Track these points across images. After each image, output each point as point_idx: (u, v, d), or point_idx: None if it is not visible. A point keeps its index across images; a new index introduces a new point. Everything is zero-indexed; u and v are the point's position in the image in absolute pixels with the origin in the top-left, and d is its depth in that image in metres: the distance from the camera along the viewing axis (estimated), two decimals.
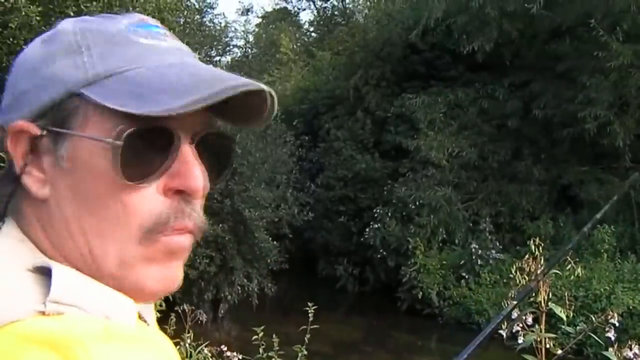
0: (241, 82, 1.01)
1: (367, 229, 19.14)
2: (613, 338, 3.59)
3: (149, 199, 1.04)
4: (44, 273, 0.96)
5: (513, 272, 3.76)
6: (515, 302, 3.08)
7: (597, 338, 3.74)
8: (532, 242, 3.77)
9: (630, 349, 3.49)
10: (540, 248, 3.68)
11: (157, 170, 1.04)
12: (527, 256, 3.58)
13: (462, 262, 17.17)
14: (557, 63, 16.81)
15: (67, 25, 1.11)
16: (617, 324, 3.58)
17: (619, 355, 3.47)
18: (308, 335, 7.04)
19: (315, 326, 7.05)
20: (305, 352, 6.97)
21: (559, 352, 3.38)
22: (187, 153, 1.06)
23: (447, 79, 19.94)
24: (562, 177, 17.42)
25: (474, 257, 16.90)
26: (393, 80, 21.33)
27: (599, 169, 17.05)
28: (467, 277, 16.87)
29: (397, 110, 19.99)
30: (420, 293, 17.01)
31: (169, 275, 1.09)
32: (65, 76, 1.04)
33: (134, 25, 1.11)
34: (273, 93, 1.07)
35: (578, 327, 3.72)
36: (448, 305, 16.70)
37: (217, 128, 1.12)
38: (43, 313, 0.90)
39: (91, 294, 0.98)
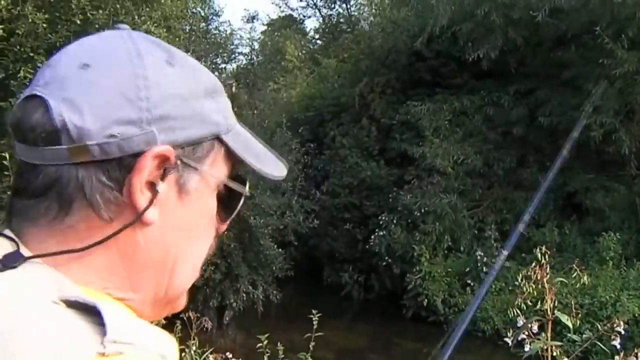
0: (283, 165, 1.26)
1: (372, 236, 19.13)
2: (619, 346, 3.59)
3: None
4: (81, 308, 0.93)
5: (519, 279, 3.76)
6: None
7: (602, 346, 3.73)
8: (538, 250, 3.77)
9: (636, 357, 3.49)
10: (547, 256, 3.68)
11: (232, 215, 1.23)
12: (533, 264, 3.58)
13: (468, 269, 17.14)
14: (562, 70, 16.80)
15: (187, 56, 1.16)
16: (623, 332, 3.57)
17: None
18: (313, 343, 7.05)
19: (320, 333, 7.06)
20: (310, 359, 6.97)
21: (565, 359, 3.38)
22: None
23: (452, 86, 19.93)
24: (567, 185, 17.38)
25: (479, 264, 16.88)
26: (398, 87, 21.35)
27: (604, 176, 17.03)
28: (472, 284, 16.84)
29: (403, 118, 19.99)
30: (426, 300, 17.00)
31: None
32: (213, 119, 1.11)
33: None
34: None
35: (584, 335, 3.71)
36: (453, 312, 16.66)
37: None
38: (103, 354, 0.87)
39: (142, 331, 0.97)
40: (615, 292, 14.29)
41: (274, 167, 1.23)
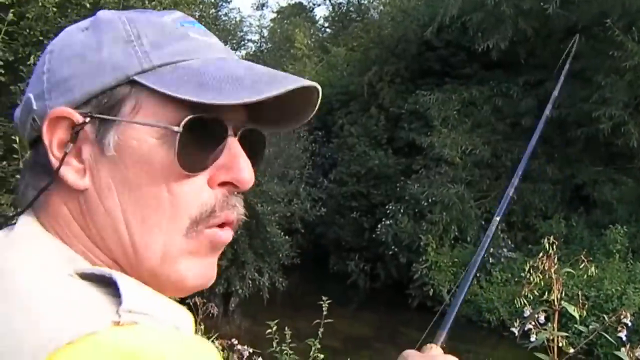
0: (300, 80, 1.04)
1: (379, 225, 19.13)
2: (625, 338, 3.58)
3: (198, 190, 1.04)
4: (97, 280, 0.93)
5: (525, 270, 3.75)
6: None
7: (608, 337, 3.73)
8: (545, 240, 3.76)
9: None
10: (554, 246, 3.68)
11: (210, 160, 1.05)
12: (540, 254, 3.57)
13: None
14: (572, 62, 16.73)
15: (109, 15, 1.10)
16: (629, 324, 3.57)
17: (632, 355, 3.46)
18: (322, 329, 7.05)
19: (327, 320, 7.06)
20: (319, 346, 6.98)
21: (571, 351, 3.38)
22: (235, 145, 1.07)
23: (461, 76, 19.92)
24: (575, 177, 17.37)
25: (485, 255, 16.86)
26: (407, 77, 21.33)
27: (612, 169, 17.00)
28: (478, 275, 16.78)
29: (411, 107, 19.98)
30: (432, 290, 17.00)
31: (208, 270, 1.11)
32: (118, 63, 1.03)
33: (179, 20, 1.12)
34: (320, 90, 1.12)
35: (590, 327, 3.71)
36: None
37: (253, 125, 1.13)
38: (118, 323, 0.86)
39: (158, 303, 0.96)
40: (622, 285, 14.29)
41: (240, 87, 1.01)
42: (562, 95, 16.59)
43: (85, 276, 0.93)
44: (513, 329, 3.60)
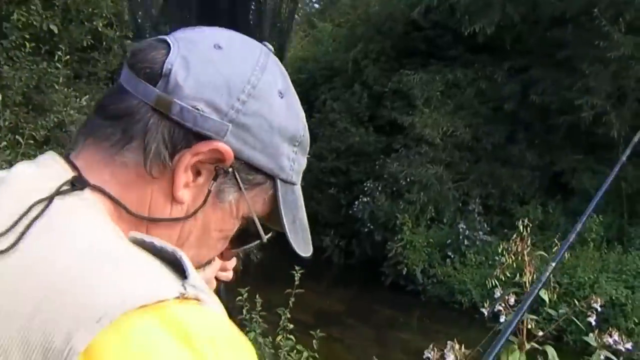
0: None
1: (356, 202, 19.15)
2: (594, 323, 3.60)
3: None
4: (156, 251, 1.03)
5: (499, 253, 3.77)
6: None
7: (579, 323, 3.75)
8: (520, 222, 3.78)
9: (611, 336, 3.50)
10: (528, 229, 3.69)
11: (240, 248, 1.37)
12: (515, 236, 3.59)
13: (449, 241, 17.19)
14: (557, 50, 16.76)
15: (299, 108, 1.31)
16: (599, 309, 3.59)
17: (599, 341, 3.48)
18: (292, 299, 7.09)
19: (299, 290, 7.10)
20: (289, 316, 7.01)
21: (540, 333, 3.39)
22: None
23: (446, 58, 19.87)
24: (555, 164, 17.40)
25: (461, 237, 16.93)
26: (393, 55, 21.27)
27: (592, 158, 17.02)
28: (452, 256, 16.90)
29: (395, 86, 19.93)
30: (405, 269, 17.02)
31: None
32: (283, 164, 1.23)
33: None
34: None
35: (560, 311, 3.73)
36: (432, 283, 16.72)
37: None
38: (183, 295, 0.92)
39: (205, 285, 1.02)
40: (594, 274, 14.38)
41: (302, 242, 1.33)
42: (545, 82, 16.68)
43: (144, 245, 1.03)
44: (483, 310, 3.62)
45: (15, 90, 10.20)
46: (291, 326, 7.02)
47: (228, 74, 1.13)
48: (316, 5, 35.23)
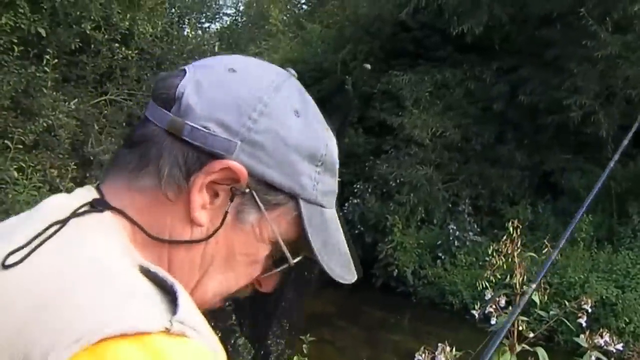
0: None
1: (346, 204, 19.12)
2: (585, 324, 3.60)
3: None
4: (156, 281, 1.01)
5: (490, 254, 3.76)
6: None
7: (569, 323, 3.74)
8: (510, 223, 3.77)
9: (602, 337, 3.49)
10: (518, 230, 3.68)
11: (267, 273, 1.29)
12: (505, 237, 3.58)
13: (439, 242, 17.20)
14: (546, 49, 16.78)
15: (321, 128, 1.26)
16: (590, 310, 3.59)
17: (590, 342, 3.48)
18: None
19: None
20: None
21: (531, 335, 3.38)
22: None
23: (435, 58, 19.86)
24: (544, 164, 17.42)
25: (451, 238, 16.95)
26: (381, 56, 21.25)
27: (581, 157, 17.04)
28: (443, 257, 16.91)
29: (384, 87, 19.92)
30: (396, 271, 17.03)
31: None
32: (304, 182, 1.19)
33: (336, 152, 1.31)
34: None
35: (551, 312, 3.72)
36: (422, 284, 16.73)
37: None
38: (168, 331, 0.90)
39: (202, 322, 1.00)
40: (585, 274, 14.40)
41: (340, 266, 1.31)
42: (534, 82, 16.70)
43: (147, 273, 1.02)
44: (474, 312, 3.61)
45: (4, 94, 10.19)
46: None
47: (240, 94, 1.14)
48: (305, 7, 35.27)
